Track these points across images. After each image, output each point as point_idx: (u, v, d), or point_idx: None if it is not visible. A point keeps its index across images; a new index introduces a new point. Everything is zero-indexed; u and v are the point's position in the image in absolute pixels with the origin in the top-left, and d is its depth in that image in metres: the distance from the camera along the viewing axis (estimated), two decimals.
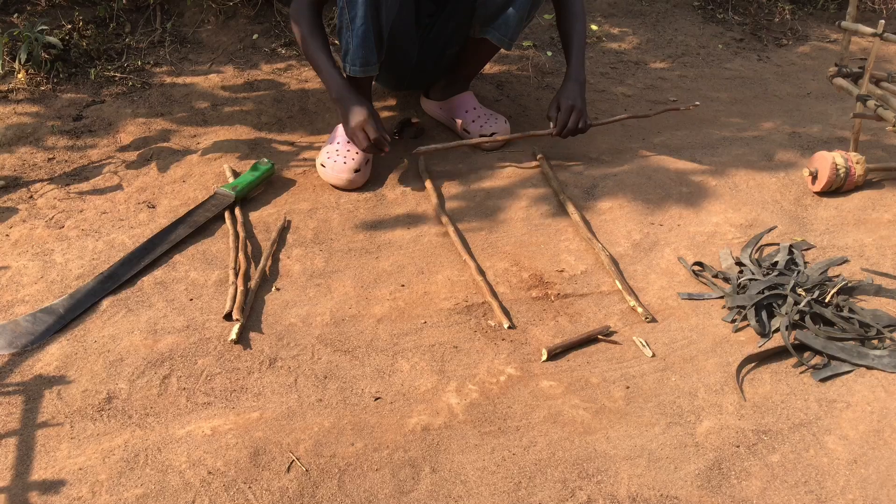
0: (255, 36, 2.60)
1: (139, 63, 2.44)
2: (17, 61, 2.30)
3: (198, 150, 2.08)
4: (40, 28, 2.33)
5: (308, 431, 1.26)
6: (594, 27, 2.88)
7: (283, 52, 2.56)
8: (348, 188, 1.94)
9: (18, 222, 1.79)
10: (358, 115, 1.85)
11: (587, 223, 1.83)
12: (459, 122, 2.18)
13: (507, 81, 2.55)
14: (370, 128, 1.84)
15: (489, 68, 2.57)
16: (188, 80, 2.40)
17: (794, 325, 1.48)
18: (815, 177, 1.96)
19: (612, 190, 1.96)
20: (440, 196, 1.93)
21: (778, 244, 1.76)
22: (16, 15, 2.50)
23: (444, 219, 1.83)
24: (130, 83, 2.35)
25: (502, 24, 1.97)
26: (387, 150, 1.87)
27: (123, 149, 2.09)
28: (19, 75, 2.30)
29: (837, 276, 1.62)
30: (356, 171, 1.93)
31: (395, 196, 1.94)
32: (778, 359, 1.42)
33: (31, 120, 2.16)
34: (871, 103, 1.90)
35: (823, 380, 1.38)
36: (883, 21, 1.89)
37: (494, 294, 1.59)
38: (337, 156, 1.95)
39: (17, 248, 1.69)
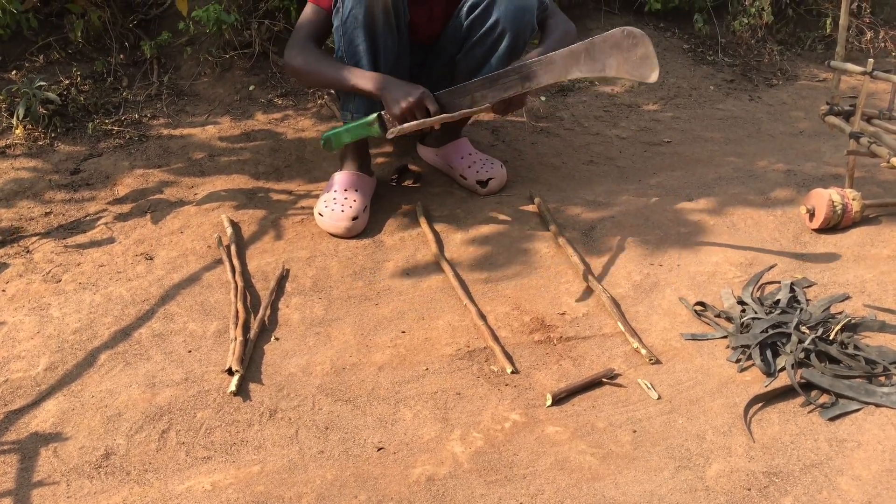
0: (251, 87, 2.63)
1: (136, 116, 2.46)
2: (15, 117, 2.32)
3: (195, 201, 2.08)
4: (38, 84, 2.35)
5: (310, 485, 1.23)
6: None
7: (280, 102, 2.59)
8: (347, 236, 1.94)
9: (15, 277, 1.78)
10: (412, 93, 1.79)
11: (587, 265, 1.82)
12: (456, 168, 2.18)
13: (501, 127, 2.57)
14: (429, 100, 1.79)
15: (484, 115, 2.60)
16: (185, 131, 2.41)
17: (799, 364, 1.46)
18: (812, 214, 1.96)
19: (611, 231, 1.96)
20: (439, 241, 1.93)
21: (779, 282, 1.76)
22: (14, 72, 2.53)
23: (444, 263, 1.82)
24: (128, 136, 2.36)
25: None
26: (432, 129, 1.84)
27: (121, 201, 2.09)
28: (17, 131, 2.31)
29: (840, 313, 1.61)
30: (354, 218, 1.93)
31: (394, 242, 1.94)
32: (785, 398, 1.41)
33: (29, 174, 2.17)
34: (864, 140, 1.91)
35: (832, 419, 1.36)
36: (872, 60, 1.91)
37: (496, 339, 1.58)
38: (335, 204, 1.95)
39: (14, 303, 1.67)
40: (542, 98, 2.73)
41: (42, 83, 2.38)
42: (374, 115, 1.86)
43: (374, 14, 1.80)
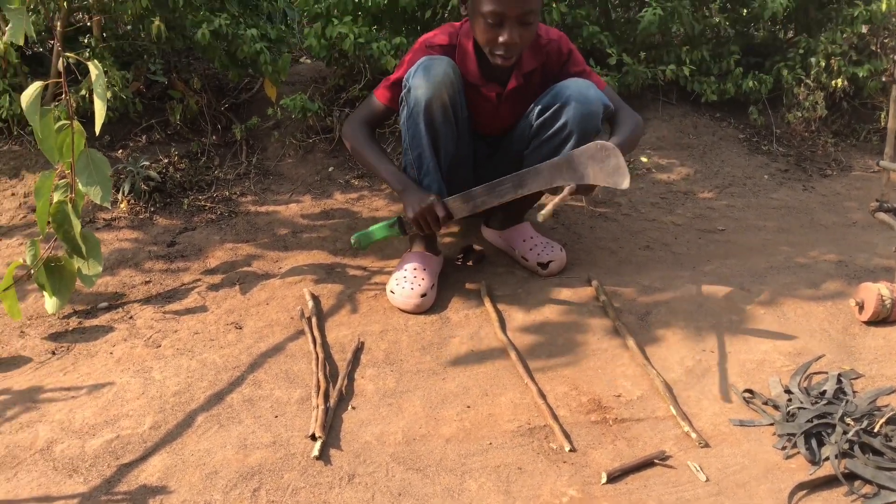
0: (330, 168, 2.85)
1: (227, 193, 2.69)
2: (120, 193, 2.57)
3: (279, 274, 2.27)
4: (142, 164, 2.61)
5: None
6: (644, 159, 3.07)
7: (356, 183, 2.80)
8: (416, 311, 2.10)
9: (120, 340, 1.98)
10: (423, 199, 2.03)
11: (642, 349, 1.94)
12: (518, 249, 2.34)
13: (561, 210, 2.72)
14: (439, 207, 2.02)
15: (544, 199, 2.76)
16: (271, 208, 2.63)
17: (843, 454, 1.54)
18: (861, 307, 2.05)
19: (665, 317, 2.08)
20: (501, 319, 2.07)
21: (826, 372, 1.84)
22: (120, 150, 2.80)
23: (506, 341, 1.96)
24: (219, 212, 2.59)
25: None
26: (440, 230, 2.08)
27: (212, 272, 2.30)
28: (122, 205, 2.56)
29: (886, 406, 1.69)
30: (423, 295, 2.09)
31: (459, 318, 2.09)
32: (829, 486, 1.49)
33: (132, 245, 2.40)
34: None
35: None
36: None
37: (555, 417, 1.70)
38: (405, 282, 2.12)
39: (121, 366, 1.87)
40: None
41: (145, 162, 2.64)
42: (395, 218, 2.12)
43: (432, 110, 2.00)
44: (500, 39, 1.96)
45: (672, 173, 3.04)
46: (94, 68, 1.85)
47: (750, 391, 1.78)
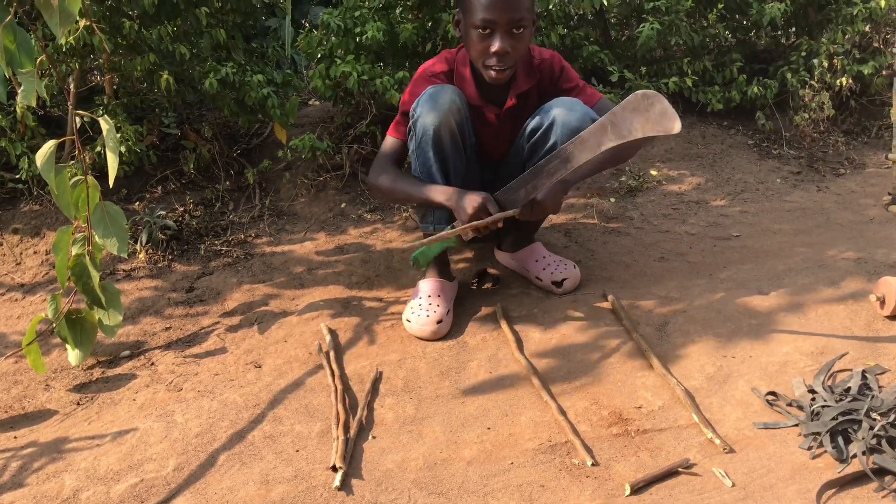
0: (343, 205, 2.89)
1: (242, 236, 2.73)
2: (138, 243, 2.62)
3: (296, 312, 2.29)
4: (158, 214, 2.66)
5: None
6: (654, 172, 3.07)
7: (369, 217, 2.83)
8: (433, 338, 2.11)
9: (143, 387, 2.01)
10: (475, 200, 1.98)
11: (661, 359, 1.92)
12: (531, 270, 2.34)
13: (574, 228, 2.73)
14: (491, 205, 1.98)
15: (557, 218, 2.77)
16: (286, 248, 2.67)
17: (871, 450, 1.51)
18: (882, 301, 2.02)
19: (684, 325, 2.07)
20: (518, 340, 2.07)
21: (851, 370, 1.81)
22: (137, 203, 2.87)
23: (524, 361, 1.95)
24: (235, 255, 2.63)
25: None
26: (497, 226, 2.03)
27: (230, 314, 2.33)
28: (140, 255, 2.61)
29: None
30: (439, 322, 2.10)
31: (476, 342, 2.09)
32: (858, 484, 1.46)
33: (151, 294, 2.44)
34: None
35: None
36: None
37: (576, 433, 1.69)
38: (420, 310, 2.13)
39: (144, 411, 1.89)
40: (612, 199, 2.89)
41: (161, 212, 2.70)
42: (448, 227, 2.07)
43: (441, 137, 2.02)
44: (492, 49, 1.99)
45: (683, 184, 3.03)
46: (105, 123, 1.90)
47: (773, 393, 1.75)
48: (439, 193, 2.06)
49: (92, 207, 1.98)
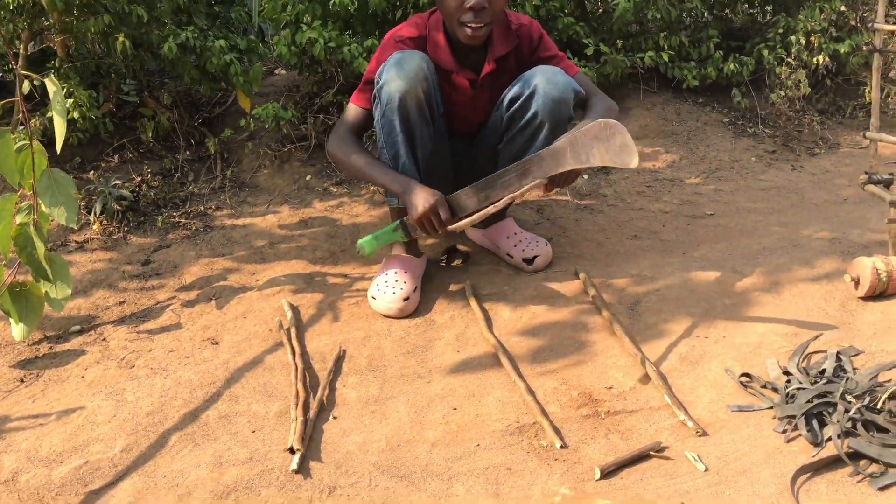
0: (308, 177, 2.79)
1: (202, 208, 2.63)
2: (92, 214, 2.51)
3: (257, 287, 2.20)
4: (113, 183, 2.54)
5: None
6: None
7: (335, 190, 2.74)
8: (399, 316, 2.03)
9: (93, 363, 1.91)
10: (427, 200, 1.91)
11: (633, 339, 1.87)
12: (502, 247, 2.27)
13: (546, 206, 2.66)
14: (443, 208, 1.91)
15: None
16: (247, 221, 2.57)
17: (846, 433, 1.47)
18: (857, 282, 1.98)
19: (656, 305, 2.01)
20: (487, 318, 2.00)
21: (825, 351, 1.77)
22: (91, 172, 2.74)
23: (492, 340, 1.89)
24: (194, 227, 2.53)
25: None
26: (444, 231, 1.95)
27: (188, 289, 2.23)
28: (94, 226, 2.49)
29: (888, 381, 1.62)
30: (405, 299, 2.02)
31: (444, 320, 2.02)
32: (833, 468, 1.42)
33: (105, 266, 2.33)
34: None
35: (882, 488, 1.36)
36: None
37: (545, 414, 1.63)
38: (387, 287, 2.05)
39: (92, 389, 1.80)
40: (585, 176, 2.82)
41: (117, 182, 2.58)
42: (398, 221, 2.00)
43: (407, 105, 1.93)
44: (468, 3, 1.90)
45: (657, 161, 2.98)
46: (52, 84, 1.79)
47: (747, 375, 1.71)
48: (394, 182, 1.98)
49: (38, 174, 1.87)
